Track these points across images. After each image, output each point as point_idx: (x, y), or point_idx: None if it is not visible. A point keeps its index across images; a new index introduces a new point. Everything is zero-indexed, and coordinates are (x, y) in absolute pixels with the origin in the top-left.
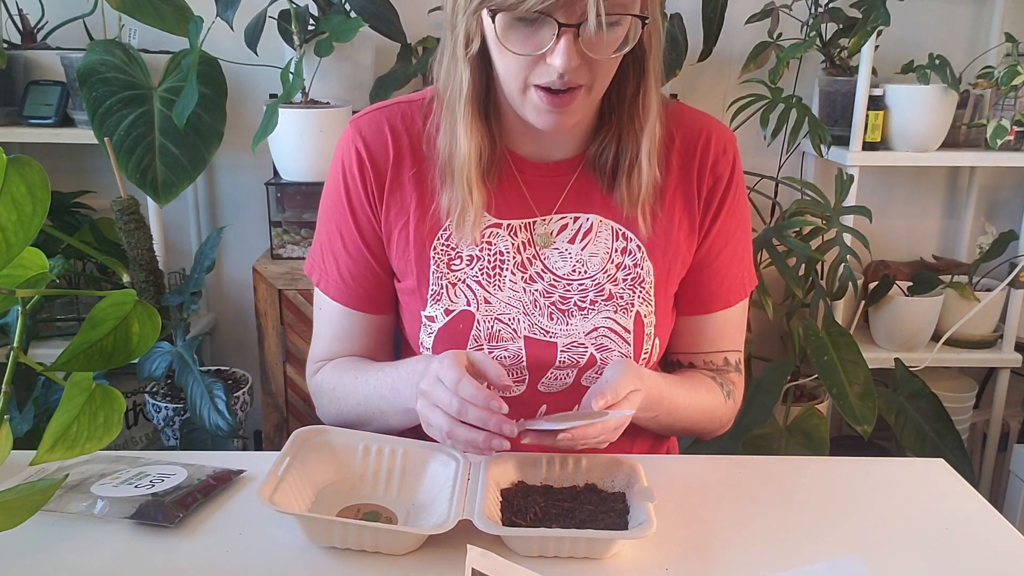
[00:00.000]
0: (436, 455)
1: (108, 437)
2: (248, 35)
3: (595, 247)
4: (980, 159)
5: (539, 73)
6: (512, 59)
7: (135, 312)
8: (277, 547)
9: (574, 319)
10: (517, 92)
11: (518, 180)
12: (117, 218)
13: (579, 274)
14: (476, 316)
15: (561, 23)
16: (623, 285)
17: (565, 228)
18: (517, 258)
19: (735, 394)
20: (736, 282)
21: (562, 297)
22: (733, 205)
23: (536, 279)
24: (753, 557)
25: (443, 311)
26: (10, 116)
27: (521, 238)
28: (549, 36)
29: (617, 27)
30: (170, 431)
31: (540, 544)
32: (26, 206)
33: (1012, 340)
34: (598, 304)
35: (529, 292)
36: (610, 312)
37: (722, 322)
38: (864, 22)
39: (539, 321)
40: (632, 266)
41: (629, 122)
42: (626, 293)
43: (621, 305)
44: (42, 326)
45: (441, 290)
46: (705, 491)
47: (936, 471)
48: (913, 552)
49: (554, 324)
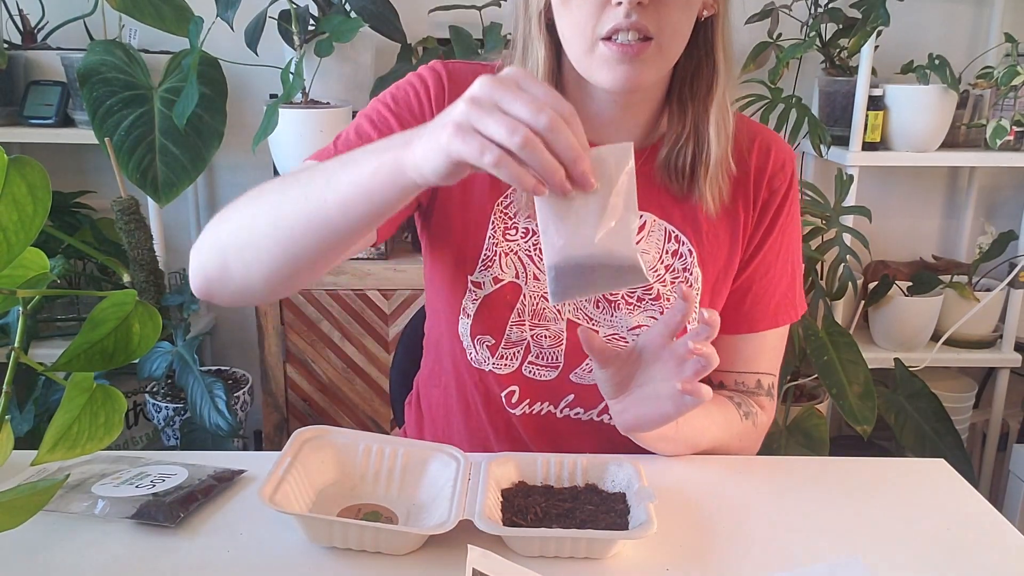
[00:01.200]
0: (436, 455)
1: (109, 437)
2: (248, 35)
3: (647, 244)
4: (980, 159)
5: (605, 21)
6: (577, 12)
7: (136, 312)
8: (278, 547)
9: (620, 312)
10: (585, 52)
11: None
12: (117, 218)
13: None
14: (524, 290)
15: None
16: (671, 287)
17: None
18: None
19: (759, 417)
20: (782, 304)
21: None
22: (786, 224)
23: None
24: (753, 557)
25: (492, 279)
26: (11, 116)
27: None
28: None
29: None
30: (170, 431)
31: (540, 544)
32: (27, 206)
33: (1012, 340)
34: (645, 302)
35: None
36: (656, 312)
37: (760, 343)
38: (864, 22)
39: (584, 306)
40: (681, 270)
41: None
42: (673, 295)
43: (667, 307)
44: (43, 326)
45: (494, 256)
46: (705, 491)
47: (936, 471)
48: (913, 552)
49: (599, 312)
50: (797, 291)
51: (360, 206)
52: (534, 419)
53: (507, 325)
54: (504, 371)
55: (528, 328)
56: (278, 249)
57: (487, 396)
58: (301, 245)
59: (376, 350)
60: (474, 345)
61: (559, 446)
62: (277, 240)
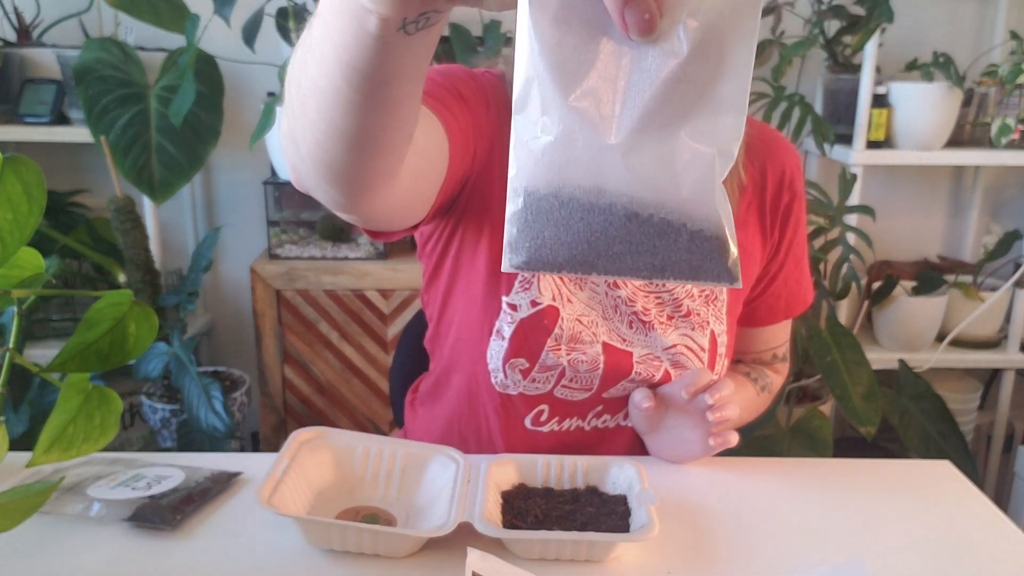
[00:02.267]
0: (436, 457)
1: (105, 439)
2: (245, 33)
3: None
4: (985, 158)
5: None
6: None
7: (131, 313)
8: (275, 549)
9: (654, 332)
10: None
11: None
12: (113, 217)
13: (657, 287)
14: (561, 313)
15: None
16: (699, 301)
17: None
18: None
19: (773, 383)
20: (795, 296)
21: (644, 308)
22: (798, 224)
23: (620, 285)
24: (756, 560)
25: (529, 302)
26: (5, 114)
27: None
28: None
29: None
30: (167, 432)
31: (541, 547)
32: (22, 205)
33: (1017, 340)
34: (676, 320)
35: (611, 297)
36: (687, 329)
37: (775, 328)
38: (868, 20)
39: (618, 327)
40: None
41: None
42: (702, 310)
43: (698, 323)
44: (38, 326)
45: (532, 278)
46: (708, 493)
47: (941, 473)
48: (918, 554)
49: (633, 332)
50: (806, 281)
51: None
52: (561, 435)
53: (543, 350)
54: (534, 392)
55: (565, 353)
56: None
57: (507, 416)
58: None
59: (375, 351)
60: (504, 369)
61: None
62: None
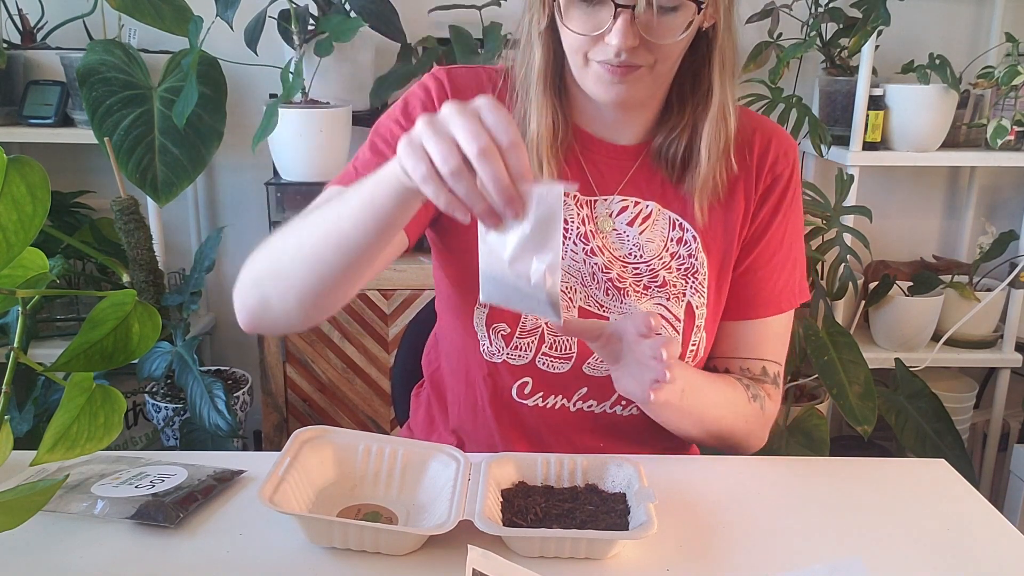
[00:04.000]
0: (436, 455)
1: (108, 437)
2: (248, 35)
3: (651, 233)
4: (980, 159)
5: (598, 51)
6: (574, 36)
7: (135, 312)
8: (277, 547)
9: (628, 299)
10: (579, 67)
11: (580, 158)
12: (117, 218)
13: (635, 258)
14: None
15: (618, 4)
16: (677, 274)
17: (625, 210)
18: (581, 229)
19: (766, 403)
20: (784, 290)
21: (619, 276)
22: (789, 212)
23: (597, 253)
24: (754, 557)
25: None
26: (10, 116)
27: (584, 212)
28: (607, 16)
29: (676, 13)
30: (170, 431)
31: (541, 545)
32: (26, 206)
33: (1012, 340)
34: (652, 290)
35: (588, 264)
36: (662, 299)
37: (764, 329)
38: (864, 22)
39: (595, 294)
40: (687, 256)
41: (704, 116)
42: (679, 282)
43: (674, 293)
44: (42, 326)
45: None
46: (706, 491)
47: (937, 471)
48: (914, 552)
49: (609, 299)
50: (799, 278)
51: (370, 219)
52: (547, 413)
53: (521, 316)
54: (518, 362)
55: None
56: (306, 271)
57: (495, 390)
58: (327, 264)
59: (376, 350)
60: (489, 335)
61: (569, 438)
62: (304, 262)
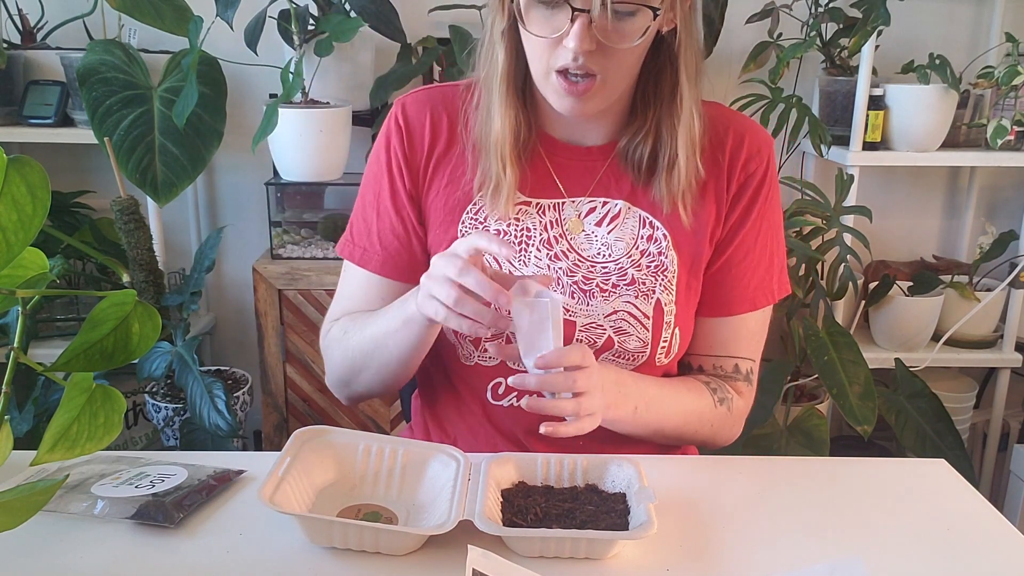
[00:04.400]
0: (436, 455)
1: (108, 437)
2: (248, 35)
3: (621, 232)
4: (980, 159)
5: (558, 56)
6: (534, 41)
7: (135, 312)
8: (277, 547)
9: (595, 300)
10: (541, 76)
11: (547, 162)
12: (117, 218)
13: (603, 257)
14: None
15: (575, 7)
16: (646, 271)
17: (593, 211)
18: (544, 236)
19: (735, 402)
20: (760, 287)
21: (585, 278)
22: (764, 208)
23: (561, 257)
24: (754, 557)
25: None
26: (10, 116)
27: (549, 217)
28: (565, 19)
29: (633, 18)
30: (170, 431)
31: (540, 545)
32: (26, 206)
33: (1012, 340)
34: (620, 288)
35: (553, 270)
36: (631, 297)
37: (739, 326)
38: (864, 22)
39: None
40: (657, 254)
41: (668, 118)
42: (648, 279)
43: (642, 291)
44: (42, 326)
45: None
46: (706, 491)
47: (937, 471)
48: (914, 552)
49: (575, 303)
50: (776, 274)
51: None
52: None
53: None
54: (489, 363)
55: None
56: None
57: (473, 393)
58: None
59: None
60: (458, 340)
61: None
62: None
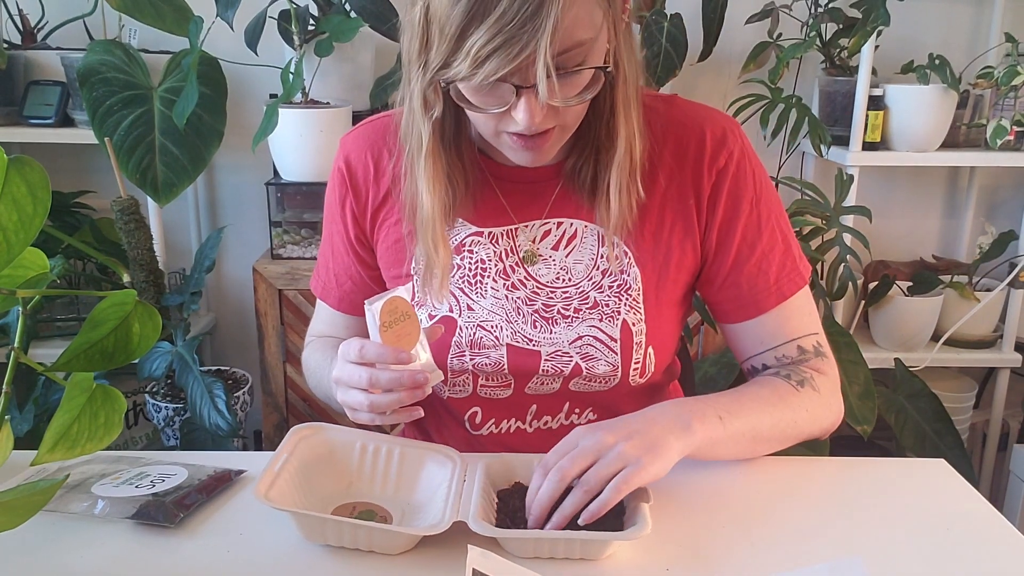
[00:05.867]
0: (433, 455)
1: (109, 437)
2: (248, 35)
3: (580, 254)
4: (980, 159)
5: (507, 122)
6: (478, 113)
7: (135, 312)
8: (278, 547)
9: (558, 327)
10: (490, 136)
11: (495, 188)
12: (117, 218)
13: (563, 281)
14: (459, 322)
15: (517, 85)
16: (608, 292)
17: (548, 234)
18: (499, 266)
19: (816, 381)
20: (781, 277)
21: (545, 305)
22: (753, 193)
23: (519, 286)
24: (754, 557)
25: (426, 316)
26: (10, 116)
27: (503, 246)
28: (510, 93)
29: (578, 74)
30: (170, 431)
31: (534, 545)
32: (27, 206)
33: (1012, 340)
34: (582, 312)
35: (511, 300)
36: (595, 320)
37: (779, 315)
38: (864, 22)
39: (522, 329)
40: (618, 272)
41: (607, 140)
42: (612, 300)
43: (606, 313)
44: (42, 326)
45: (425, 296)
46: (706, 491)
47: (936, 471)
48: (914, 552)
49: (537, 332)
50: (794, 256)
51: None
52: (505, 438)
53: (448, 357)
54: (460, 395)
55: (469, 358)
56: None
57: (451, 419)
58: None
59: None
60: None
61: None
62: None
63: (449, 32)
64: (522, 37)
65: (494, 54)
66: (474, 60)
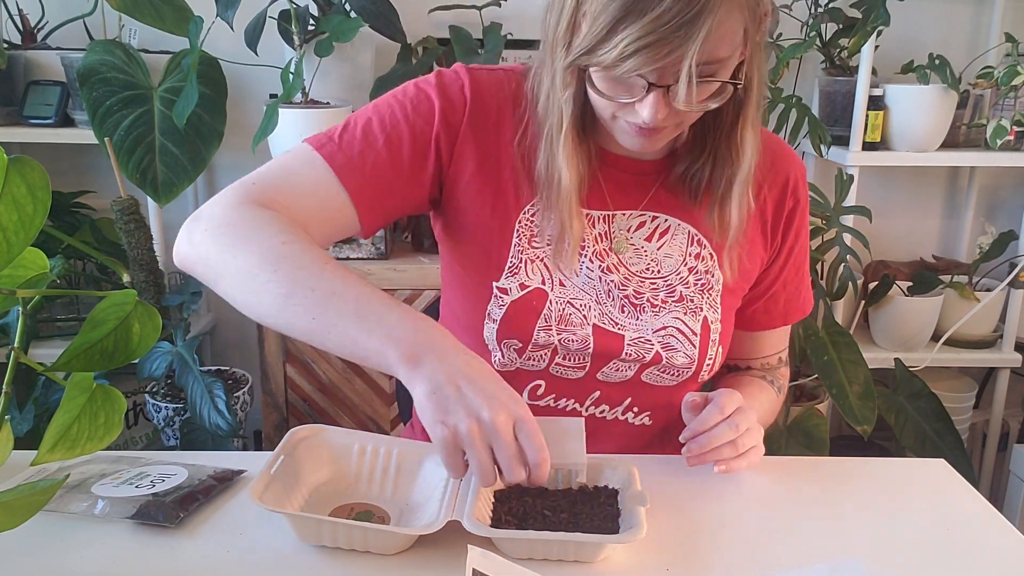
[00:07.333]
0: (431, 455)
1: (109, 437)
2: (248, 35)
3: (670, 248)
4: (980, 159)
5: (629, 112)
6: (601, 99)
7: (135, 312)
8: (278, 547)
9: (645, 315)
10: (607, 119)
11: (598, 175)
12: (117, 218)
13: (652, 273)
14: (550, 296)
15: (652, 82)
16: (694, 289)
17: (643, 226)
18: (595, 248)
19: (784, 386)
20: (795, 302)
21: (636, 292)
22: (801, 228)
23: (613, 270)
24: (754, 557)
25: (518, 285)
26: (10, 116)
27: (599, 229)
28: (640, 88)
29: (710, 84)
30: (170, 431)
31: (529, 546)
32: (27, 206)
33: (1012, 340)
34: (668, 304)
35: (604, 282)
36: (680, 313)
37: (776, 333)
38: (864, 22)
39: (610, 311)
40: (704, 272)
41: (726, 151)
42: (696, 297)
43: (691, 308)
44: (42, 326)
45: (520, 264)
46: (705, 491)
47: (936, 471)
48: (914, 552)
49: (624, 316)
50: (806, 289)
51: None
52: (556, 412)
53: (535, 330)
54: (532, 368)
55: (555, 333)
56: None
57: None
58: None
59: None
60: (500, 349)
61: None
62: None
63: (603, 21)
64: (673, 40)
65: (642, 51)
66: (621, 53)
